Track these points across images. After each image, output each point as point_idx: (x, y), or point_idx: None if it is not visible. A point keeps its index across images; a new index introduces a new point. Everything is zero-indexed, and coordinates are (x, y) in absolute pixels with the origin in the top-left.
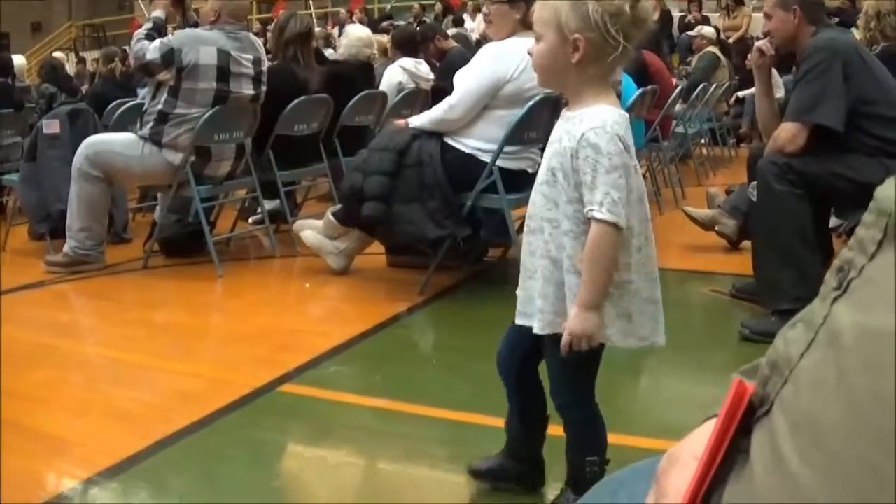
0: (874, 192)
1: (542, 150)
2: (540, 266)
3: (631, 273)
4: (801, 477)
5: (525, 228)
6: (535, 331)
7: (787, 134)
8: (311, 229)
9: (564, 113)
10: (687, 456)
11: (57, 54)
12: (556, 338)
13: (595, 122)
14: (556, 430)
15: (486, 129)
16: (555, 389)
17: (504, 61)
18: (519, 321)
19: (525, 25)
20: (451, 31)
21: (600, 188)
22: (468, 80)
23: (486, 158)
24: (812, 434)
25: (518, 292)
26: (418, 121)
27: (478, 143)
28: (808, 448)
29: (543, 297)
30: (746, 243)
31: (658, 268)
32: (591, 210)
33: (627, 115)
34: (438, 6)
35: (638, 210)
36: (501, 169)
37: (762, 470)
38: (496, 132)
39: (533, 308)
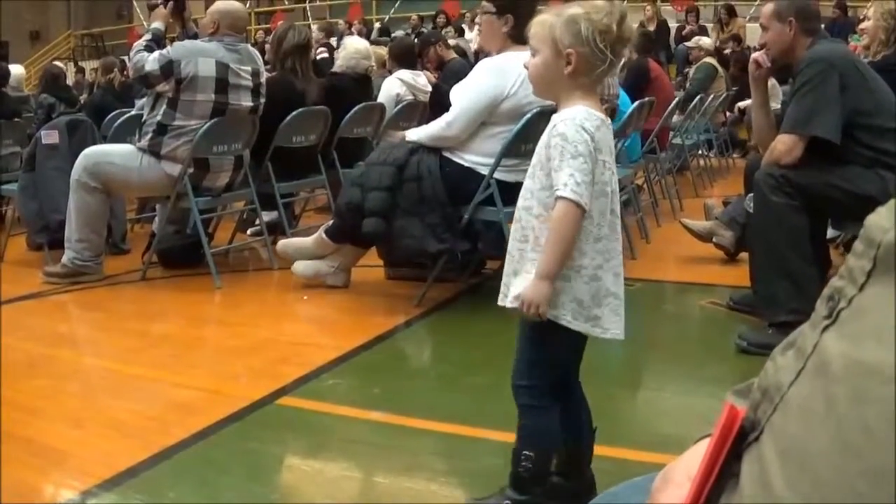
0: (864, 221)
1: None
2: (513, 248)
3: (585, 258)
4: (786, 502)
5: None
6: (499, 302)
7: (784, 146)
8: (299, 258)
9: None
10: (681, 476)
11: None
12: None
13: (565, 115)
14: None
15: (483, 145)
16: (514, 367)
17: (502, 78)
18: (499, 302)
19: (515, 40)
20: (452, 42)
21: (565, 170)
22: (466, 97)
23: (485, 172)
24: (799, 462)
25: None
26: (415, 135)
27: (476, 157)
28: (795, 475)
29: (514, 274)
30: (744, 255)
31: (654, 279)
32: (557, 190)
33: (606, 119)
34: (441, 18)
35: (600, 202)
36: (499, 181)
37: (750, 494)
38: (494, 147)
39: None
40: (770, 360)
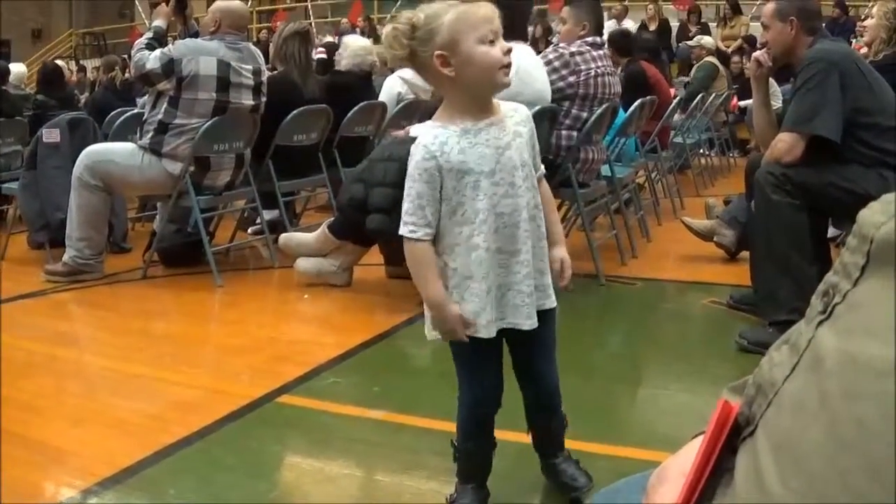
0: (857, 216)
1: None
2: (536, 247)
3: None
4: (779, 497)
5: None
6: (544, 306)
7: (785, 144)
8: (300, 252)
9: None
10: (675, 473)
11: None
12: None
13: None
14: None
15: None
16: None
17: None
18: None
19: None
20: None
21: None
22: None
23: None
24: (793, 457)
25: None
26: (417, 132)
27: None
28: (789, 470)
29: (542, 273)
30: (745, 254)
31: (655, 277)
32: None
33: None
34: None
35: None
36: None
37: (744, 489)
38: None
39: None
40: (765, 358)
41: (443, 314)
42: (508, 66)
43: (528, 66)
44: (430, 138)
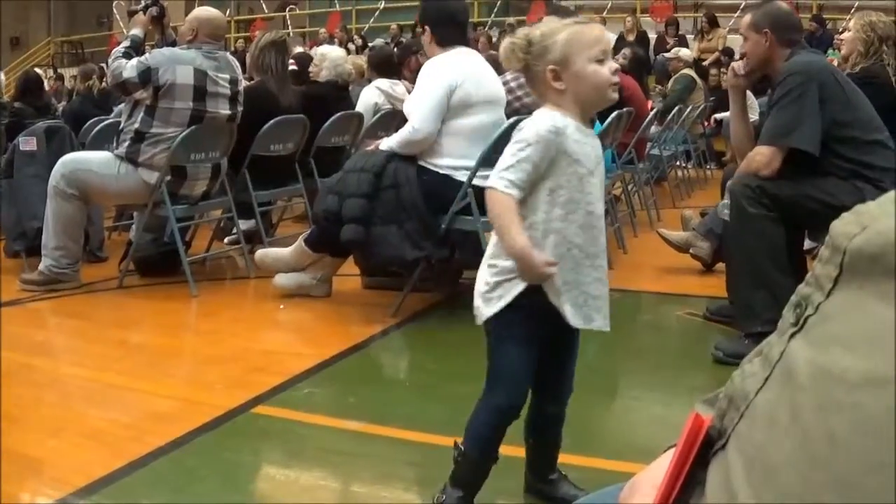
0: (829, 227)
1: None
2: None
3: None
4: None
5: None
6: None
7: (764, 157)
8: (277, 268)
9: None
10: (647, 486)
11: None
12: None
13: None
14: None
15: (452, 145)
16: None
17: (449, 69)
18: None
19: (441, 44)
20: None
21: None
22: (423, 96)
23: (461, 178)
24: (764, 471)
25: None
26: (387, 144)
27: (450, 160)
28: (760, 484)
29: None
30: (721, 266)
31: (631, 289)
32: None
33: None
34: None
35: None
36: (476, 187)
37: (715, 503)
38: (463, 144)
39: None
40: (737, 370)
41: (530, 260)
42: (616, 84)
43: (476, 70)
44: (557, 116)
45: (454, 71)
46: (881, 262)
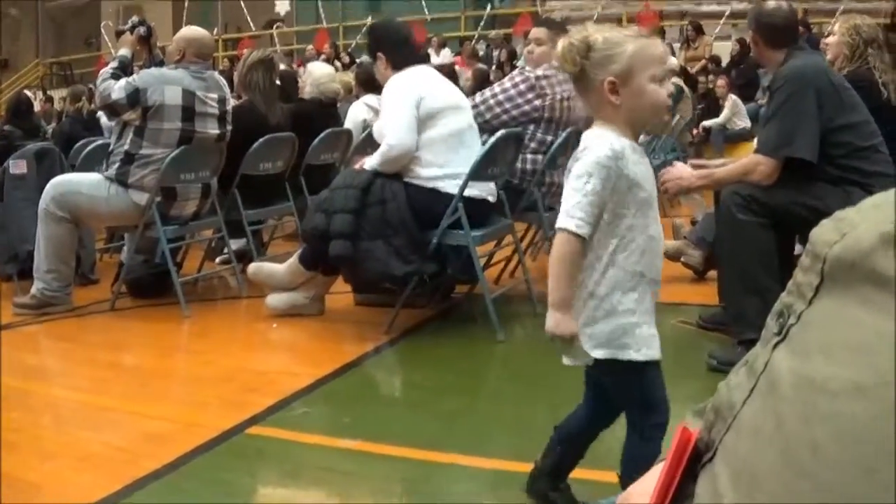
0: (809, 234)
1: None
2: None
3: None
4: None
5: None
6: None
7: (766, 169)
8: (270, 283)
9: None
10: (638, 499)
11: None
12: None
13: None
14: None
15: (430, 156)
16: None
17: (412, 82)
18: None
19: (395, 67)
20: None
21: None
22: (393, 113)
23: (448, 188)
24: (750, 482)
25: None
26: (370, 163)
27: (432, 171)
28: (747, 496)
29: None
30: (713, 273)
31: None
32: None
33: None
34: None
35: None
36: (466, 199)
37: None
38: (441, 153)
39: None
40: (724, 381)
41: (563, 320)
42: (670, 107)
43: (433, 82)
44: (613, 138)
45: (414, 85)
46: (861, 270)
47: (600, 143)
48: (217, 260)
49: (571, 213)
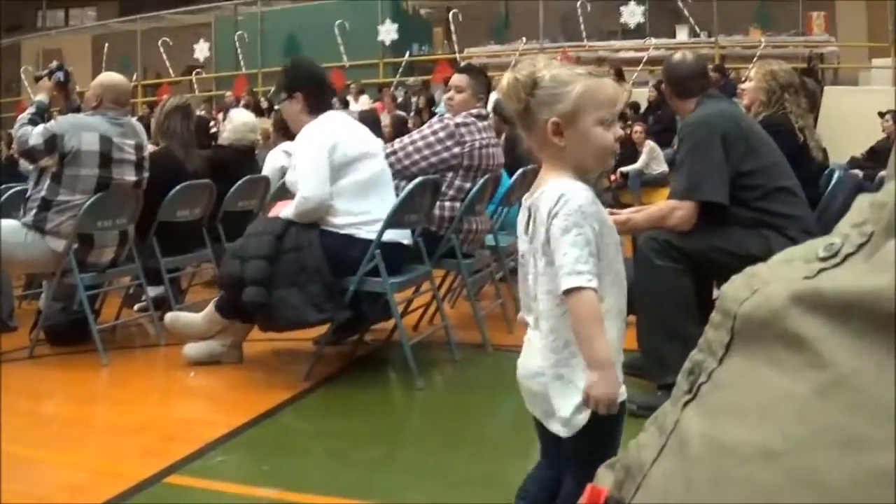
0: (720, 290)
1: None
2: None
3: None
4: None
5: None
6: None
7: (684, 213)
8: (187, 332)
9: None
10: None
11: None
12: None
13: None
14: None
15: (347, 204)
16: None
17: (325, 130)
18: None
19: (312, 111)
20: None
21: None
22: (304, 167)
23: (362, 234)
24: None
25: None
26: (285, 214)
27: (348, 219)
28: None
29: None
30: (631, 318)
31: None
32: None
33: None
34: None
35: None
36: (383, 244)
37: None
38: (357, 200)
39: None
40: (634, 439)
41: (611, 376)
42: (616, 152)
43: (347, 128)
44: (578, 185)
45: (328, 133)
46: (771, 328)
47: (575, 192)
48: (135, 307)
49: (578, 270)
